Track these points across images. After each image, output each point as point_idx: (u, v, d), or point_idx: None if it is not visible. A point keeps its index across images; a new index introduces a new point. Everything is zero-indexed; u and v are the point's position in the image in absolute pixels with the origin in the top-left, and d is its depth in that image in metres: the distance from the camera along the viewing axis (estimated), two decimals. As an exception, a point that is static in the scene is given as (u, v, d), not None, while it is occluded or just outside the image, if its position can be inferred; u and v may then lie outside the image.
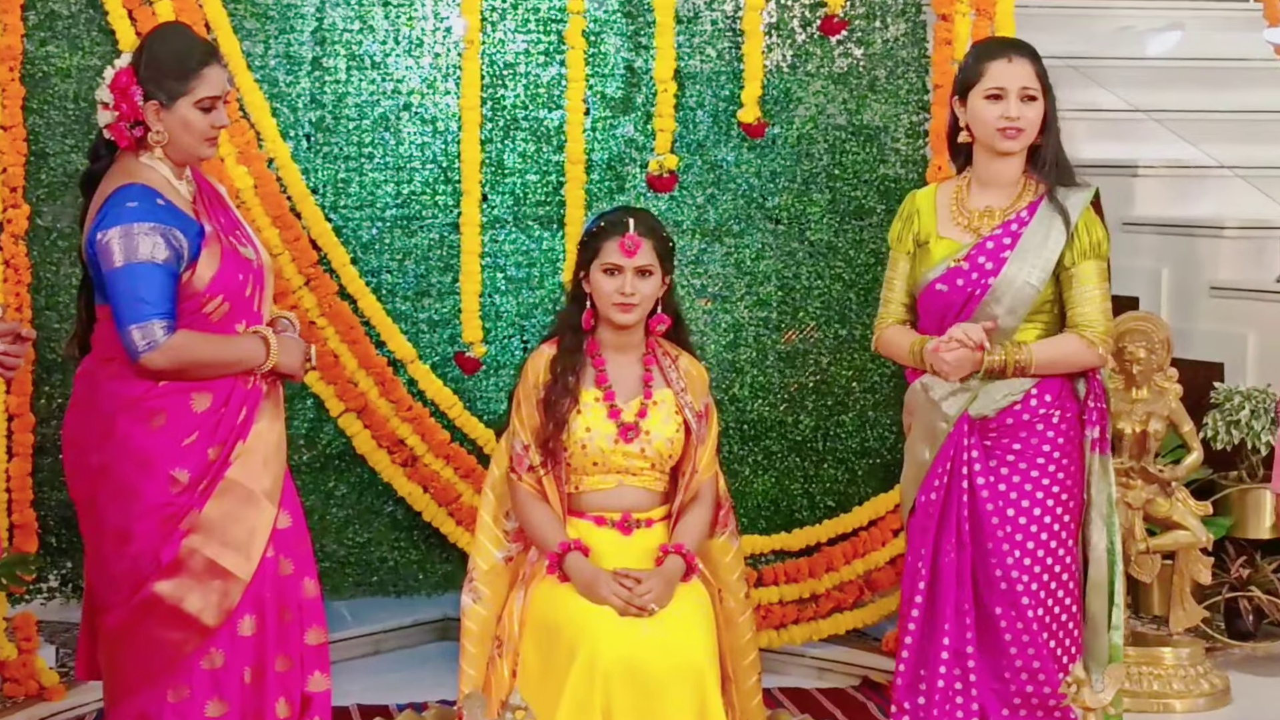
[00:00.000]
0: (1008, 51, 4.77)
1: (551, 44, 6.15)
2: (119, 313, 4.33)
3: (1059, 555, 4.67)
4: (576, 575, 4.67)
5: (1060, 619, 4.71)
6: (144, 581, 4.40)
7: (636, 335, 4.83)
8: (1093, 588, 4.73)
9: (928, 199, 4.86)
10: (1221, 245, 7.09)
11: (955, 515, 4.68)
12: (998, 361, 4.62)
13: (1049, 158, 4.77)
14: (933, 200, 4.85)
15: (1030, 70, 4.74)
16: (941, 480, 4.69)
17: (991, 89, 4.71)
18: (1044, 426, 4.67)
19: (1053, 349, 4.66)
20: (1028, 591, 4.62)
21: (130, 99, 4.39)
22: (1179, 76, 7.85)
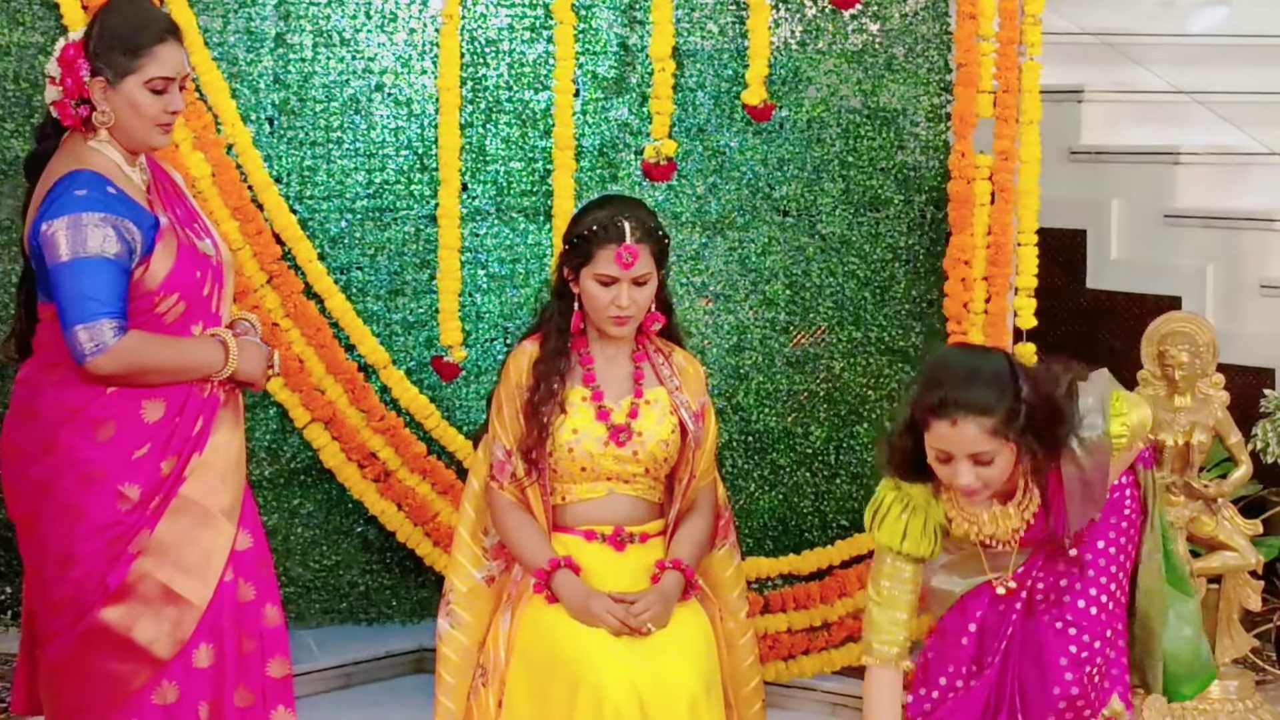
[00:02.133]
0: (952, 412, 4.22)
1: (538, 19, 6.19)
2: (64, 312, 4.33)
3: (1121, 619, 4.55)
4: (567, 595, 4.68)
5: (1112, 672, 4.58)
6: (90, 608, 4.40)
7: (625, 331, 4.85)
8: (1140, 633, 4.61)
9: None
10: (1272, 239, 7.10)
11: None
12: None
13: (1038, 453, 4.31)
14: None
15: (978, 432, 4.22)
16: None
17: (938, 450, 4.25)
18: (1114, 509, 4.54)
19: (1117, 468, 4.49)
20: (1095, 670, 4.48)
21: (75, 73, 4.39)
22: (1226, 55, 7.89)
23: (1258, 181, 7.36)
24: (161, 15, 4.62)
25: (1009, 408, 4.20)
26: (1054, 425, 4.28)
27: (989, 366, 4.30)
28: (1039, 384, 4.30)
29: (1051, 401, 4.30)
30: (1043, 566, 4.51)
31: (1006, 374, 4.26)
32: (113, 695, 4.42)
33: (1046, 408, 4.27)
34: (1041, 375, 4.34)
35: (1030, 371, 4.34)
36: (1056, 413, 4.29)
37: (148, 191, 4.49)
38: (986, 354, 4.41)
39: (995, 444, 4.20)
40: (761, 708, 4.99)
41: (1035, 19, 6.15)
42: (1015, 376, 4.25)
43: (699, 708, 4.60)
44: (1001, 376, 4.25)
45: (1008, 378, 4.25)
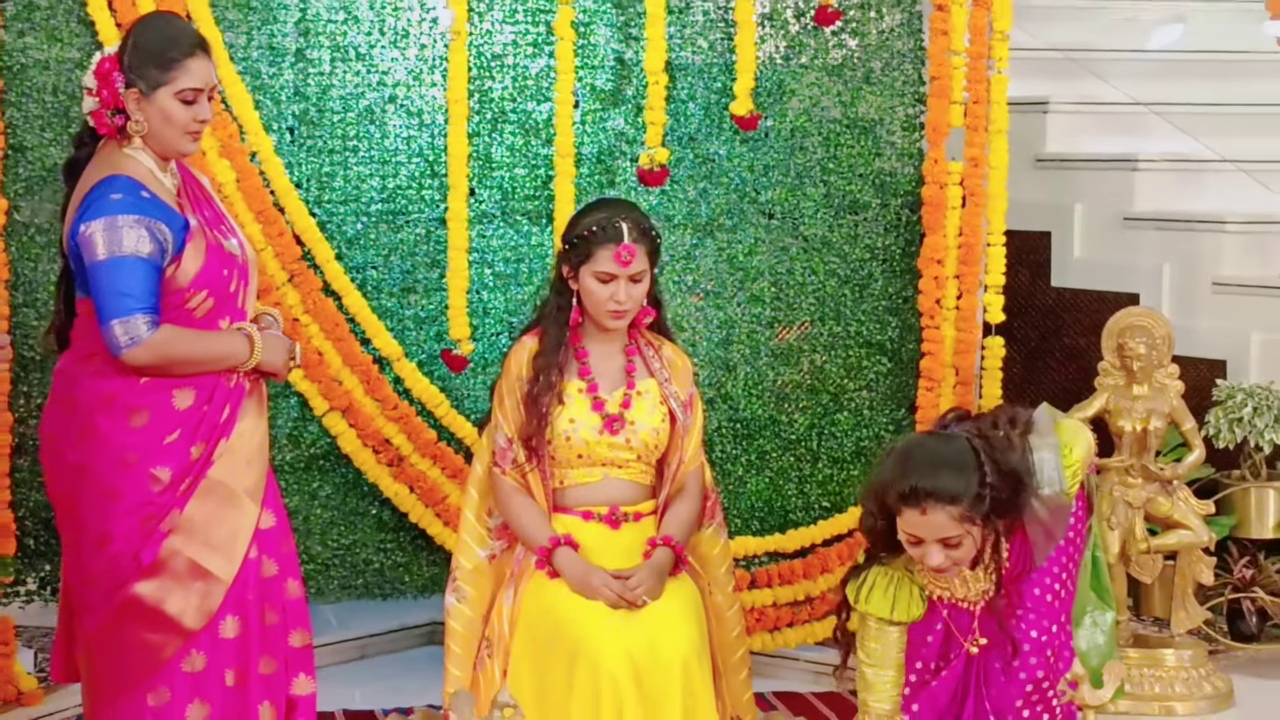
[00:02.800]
0: (921, 501, 4.16)
1: (540, 35, 6.17)
2: (101, 307, 4.34)
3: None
4: (568, 570, 4.71)
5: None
6: (124, 583, 4.41)
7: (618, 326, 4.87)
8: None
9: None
10: (1224, 240, 7.10)
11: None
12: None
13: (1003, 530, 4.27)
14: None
15: (946, 519, 4.17)
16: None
17: (909, 534, 4.21)
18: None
19: None
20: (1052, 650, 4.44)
21: (111, 85, 4.40)
22: (1182, 69, 7.88)
23: (1210, 187, 7.35)
24: (191, 30, 4.62)
25: (975, 494, 4.15)
26: (1016, 496, 4.23)
27: (954, 454, 4.22)
28: (999, 460, 4.22)
29: (1013, 476, 4.23)
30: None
31: (971, 460, 4.19)
32: (145, 663, 4.43)
33: (1009, 484, 4.21)
34: (999, 446, 4.26)
35: (989, 448, 4.24)
36: (1018, 485, 4.23)
37: (178, 195, 4.49)
38: (950, 441, 4.29)
39: (963, 527, 4.16)
40: (748, 676, 5.00)
41: (1003, 35, 6.17)
42: (979, 460, 4.19)
43: (690, 674, 4.63)
44: (966, 463, 4.19)
45: (972, 463, 4.18)
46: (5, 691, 5.67)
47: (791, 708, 5.82)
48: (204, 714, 4.45)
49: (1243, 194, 7.22)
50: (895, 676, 4.40)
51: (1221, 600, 6.34)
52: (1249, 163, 7.23)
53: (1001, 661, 4.40)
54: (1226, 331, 6.84)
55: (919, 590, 4.39)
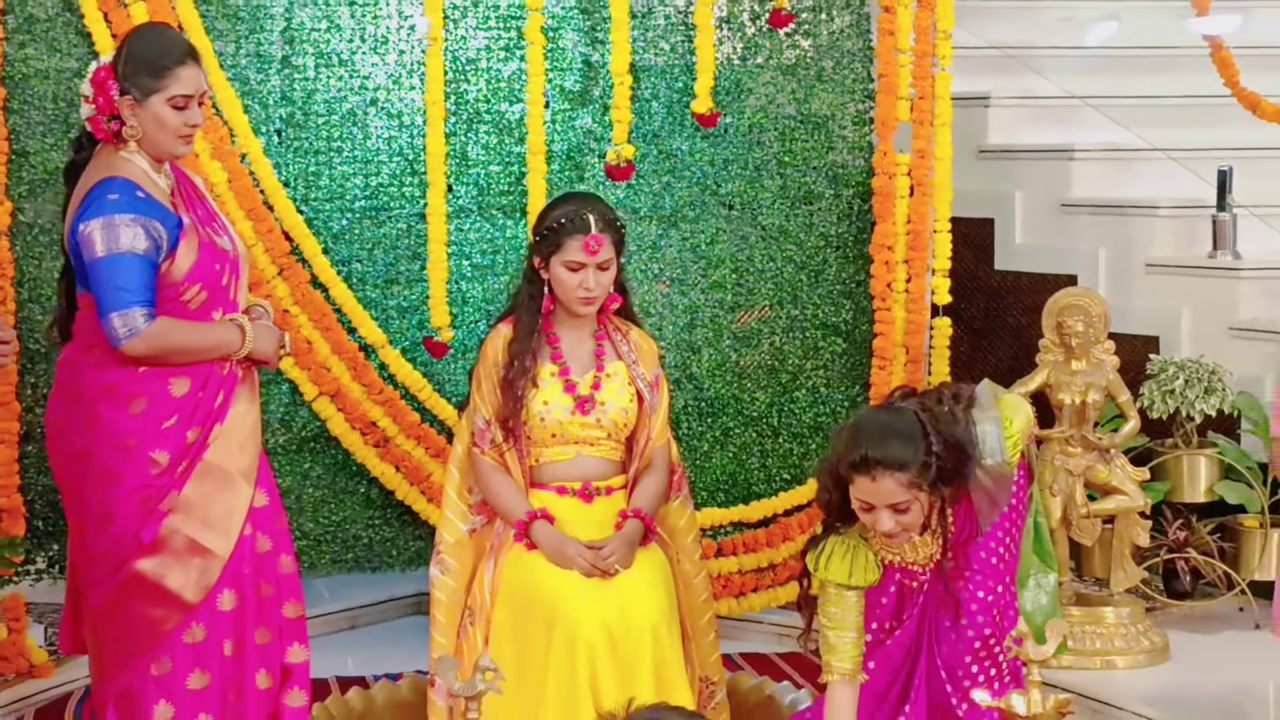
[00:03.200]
0: (871, 469, 4.20)
1: (511, 40, 6.17)
2: (101, 301, 4.34)
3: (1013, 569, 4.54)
4: (544, 541, 4.72)
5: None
6: (126, 560, 4.42)
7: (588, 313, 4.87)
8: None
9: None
10: (1155, 224, 7.10)
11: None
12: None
13: (949, 496, 4.30)
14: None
15: (895, 485, 4.21)
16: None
17: (861, 501, 4.25)
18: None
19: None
20: (999, 610, 4.47)
21: (107, 93, 4.40)
22: (1115, 64, 7.88)
23: (1143, 175, 7.35)
24: (181, 40, 4.62)
25: (922, 462, 4.18)
26: (961, 465, 4.26)
27: (902, 425, 4.25)
28: (944, 432, 4.25)
29: (958, 446, 4.27)
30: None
31: (918, 430, 4.22)
32: (148, 635, 4.44)
33: (954, 454, 4.24)
34: (944, 419, 4.29)
35: (935, 420, 4.27)
36: (962, 454, 4.26)
37: (172, 195, 4.49)
38: (899, 413, 4.32)
39: (911, 494, 4.19)
40: (715, 638, 5.01)
41: (946, 34, 6.17)
42: (925, 431, 4.22)
43: (660, 638, 4.64)
44: (914, 434, 4.22)
45: (919, 434, 4.22)
46: (18, 664, 5.67)
47: (757, 668, 5.83)
48: (204, 682, 4.46)
49: (1172, 181, 7.23)
50: (855, 638, 4.42)
51: (1157, 561, 6.35)
52: (1178, 151, 7.24)
53: (951, 620, 4.42)
54: (1158, 310, 6.85)
55: (873, 556, 4.42)
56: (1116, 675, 5.80)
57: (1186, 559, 6.35)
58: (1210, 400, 6.22)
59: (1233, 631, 6.18)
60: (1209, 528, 6.40)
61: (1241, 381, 6.33)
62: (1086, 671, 5.76)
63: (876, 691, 4.50)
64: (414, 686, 5.21)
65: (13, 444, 5.72)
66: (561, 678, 4.57)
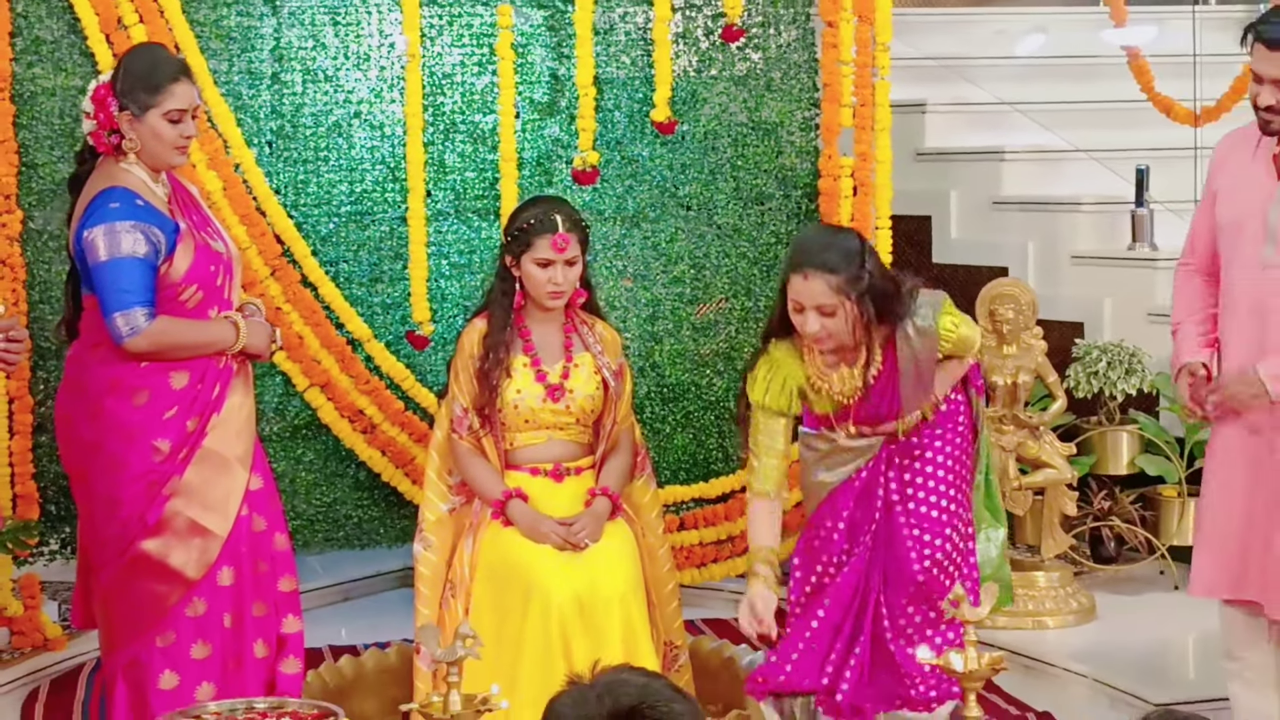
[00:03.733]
0: (804, 269, 4.28)
1: (484, 56, 6.15)
2: (105, 302, 4.33)
3: (963, 519, 4.55)
4: (520, 519, 4.71)
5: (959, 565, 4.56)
6: (132, 541, 4.41)
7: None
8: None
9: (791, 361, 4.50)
10: (1079, 219, 7.15)
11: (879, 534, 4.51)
12: (915, 418, 4.52)
13: (873, 318, 4.33)
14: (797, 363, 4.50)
15: (824, 286, 4.27)
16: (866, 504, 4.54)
17: (794, 301, 4.32)
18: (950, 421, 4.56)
19: (946, 381, 4.51)
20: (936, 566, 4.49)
21: (107, 110, 4.39)
22: (1041, 73, 7.93)
23: (1067, 174, 7.39)
24: (174, 58, 4.61)
25: (853, 273, 4.26)
26: (890, 300, 4.32)
27: (842, 239, 4.40)
28: (883, 267, 4.38)
29: (891, 280, 4.36)
30: (893, 465, 4.53)
31: (857, 247, 4.33)
32: (153, 610, 4.43)
33: (884, 283, 4.33)
34: (887, 268, 4.43)
35: (879, 259, 4.41)
36: (894, 292, 4.34)
37: (169, 202, 4.48)
38: (844, 232, 4.52)
39: (837, 300, 4.26)
40: (678, 606, 5.01)
41: (885, 47, 6.18)
42: (864, 252, 4.32)
43: (627, 606, 4.65)
44: (851, 249, 4.33)
45: (857, 250, 4.32)
46: (34, 638, 5.66)
47: (717, 632, 5.83)
48: (206, 653, 4.46)
49: (1094, 179, 7.27)
50: (778, 464, 4.50)
51: (1084, 529, 6.39)
52: (1100, 152, 7.28)
53: (893, 565, 4.45)
54: (1083, 298, 6.89)
55: (793, 389, 4.46)
56: (1048, 634, 5.85)
57: (1111, 527, 6.40)
58: (1131, 380, 6.26)
59: (1154, 593, 6.23)
60: (1131, 498, 6.44)
61: (1159, 363, 6.35)
62: (1020, 631, 5.81)
63: (832, 624, 4.51)
64: (401, 654, 5.21)
65: (27, 435, 5.70)
66: (536, 644, 4.57)
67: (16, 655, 5.64)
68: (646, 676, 2.46)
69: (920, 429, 4.55)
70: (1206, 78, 7.04)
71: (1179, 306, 4.63)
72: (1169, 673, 5.60)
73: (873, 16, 6.15)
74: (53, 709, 5.37)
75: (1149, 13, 8.05)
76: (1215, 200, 4.53)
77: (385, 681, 5.15)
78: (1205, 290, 4.58)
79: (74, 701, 5.41)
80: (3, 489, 5.61)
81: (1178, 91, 7.16)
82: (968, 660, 3.76)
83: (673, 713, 2.39)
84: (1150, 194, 6.92)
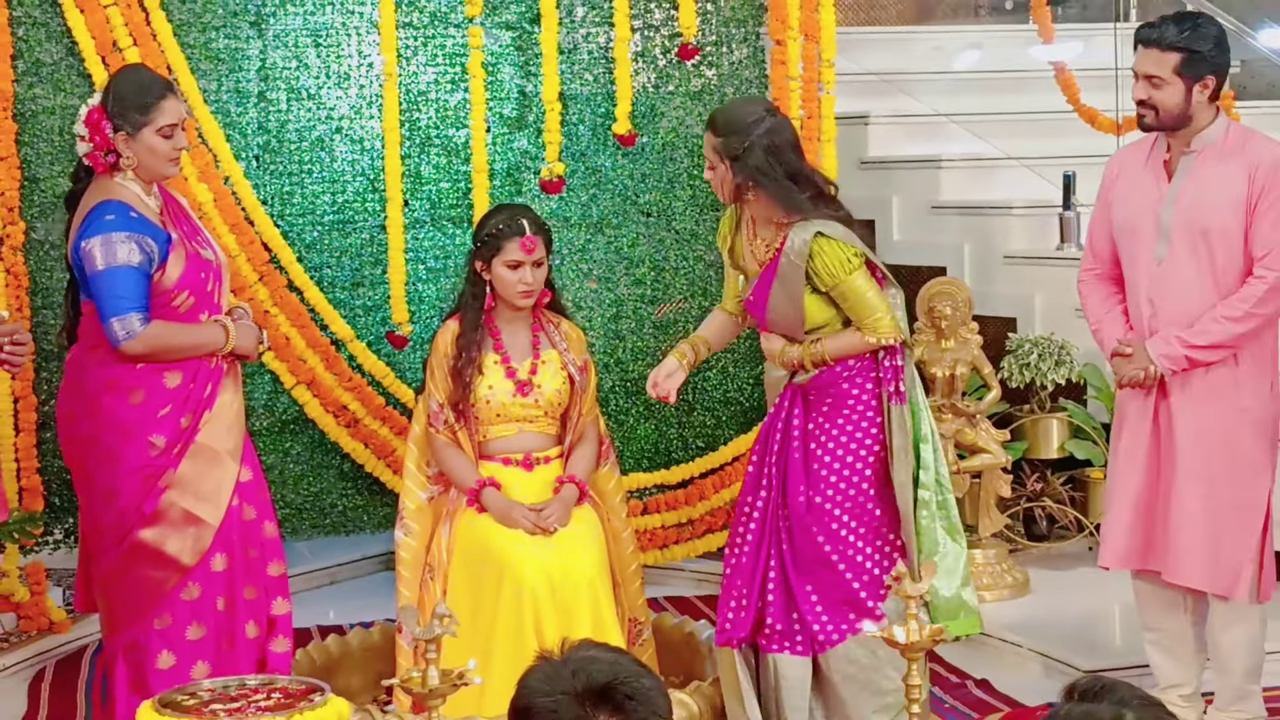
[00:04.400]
0: (709, 126, 4.43)
1: (456, 74, 6.15)
2: (102, 308, 4.31)
3: (860, 486, 4.45)
4: (493, 506, 4.71)
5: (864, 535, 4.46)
6: (130, 530, 4.39)
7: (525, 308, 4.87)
8: (903, 517, 4.45)
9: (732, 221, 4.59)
10: (1011, 222, 7.16)
11: (779, 461, 4.49)
12: (796, 356, 4.45)
13: (771, 204, 4.38)
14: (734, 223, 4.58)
15: (711, 142, 4.39)
16: (775, 435, 4.53)
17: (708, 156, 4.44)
18: (848, 385, 4.45)
19: (839, 341, 4.42)
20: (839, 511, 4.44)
21: (102, 132, 4.36)
22: (975, 86, 7.93)
23: (1000, 181, 7.40)
24: (159, 77, 4.59)
25: (731, 141, 4.33)
26: (775, 187, 4.33)
27: (742, 110, 4.46)
28: (785, 155, 4.34)
29: (790, 172, 4.34)
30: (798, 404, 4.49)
31: (749, 122, 4.35)
32: (151, 594, 4.42)
33: (772, 166, 4.31)
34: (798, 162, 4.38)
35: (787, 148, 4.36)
36: (781, 180, 4.33)
37: (161, 214, 4.46)
38: (754, 105, 4.50)
39: (715, 157, 4.37)
40: (641, 585, 5.01)
41: (830, 63, 6.20)
42: (754, 129, 4.32)
43: (595, 586, 4.66)
44: (743, 119, 4.37)
45: (747, 124, 4.35)
46: (40, 621, 5.64)
47: (679, 609, 5.84)
48: (200, 634, 4.44)
49: (1025, 185, 7.29)
50: (735, 299, 4.67)
51: (1018, 509, 6.41)
52: (1029, 160, 7.29)
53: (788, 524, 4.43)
54: (1015, 295, 6.90)
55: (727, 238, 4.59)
56: (985, 607, 5.73)
57: (1043, 507, 6.42)
58: (1060, 371, 6.28)
59: (1083, 568, 6.24)
60: (1061, 480, 6.46)
61: (1086, 354, 6.38)
62: (959, 605, 5.81)
63: (748, 569, 4.48)
64: (384, 632, 5.20)
65: (31, 432, 5.68)
66: (509, 621, 4.57)
67: (23, 638, 5.62)
68: (614, 653, 2.46)
69: (821, 387, 4.46)
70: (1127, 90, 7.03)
71: (1092, 308, 4.69)
72: (1096, 642, 5.62)
73: (818, 35, 6.17)
74: (58, 688, 5.36)
75: (1074, 30, 8.10)
76: (1110, 209, 4.61)
77: (369, 658, 5.15)
78: (1112, 291, 4.66)
79: (78, 681, 5.40)
80: (9, 482, 5.58)
81: (1101, 103, 7.18)
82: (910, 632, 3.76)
83: (643, 688, 2.39)
84: (1076, 198, 6.92)
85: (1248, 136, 4.50)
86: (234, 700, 3.71)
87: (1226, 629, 4.53)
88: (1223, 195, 4.40)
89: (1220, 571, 4.45)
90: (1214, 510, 4.43)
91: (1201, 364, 4.41)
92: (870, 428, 4.46)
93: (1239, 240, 4.39)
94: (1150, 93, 4.43)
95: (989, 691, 5.14)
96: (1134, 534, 4.55)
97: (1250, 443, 4.45)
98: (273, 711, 3.64)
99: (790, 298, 4.39)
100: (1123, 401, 4.60)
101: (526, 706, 2.38)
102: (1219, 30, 4.45)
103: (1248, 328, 4.38)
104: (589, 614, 4.61)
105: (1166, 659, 4.66)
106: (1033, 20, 7.52)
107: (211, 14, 5.90)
